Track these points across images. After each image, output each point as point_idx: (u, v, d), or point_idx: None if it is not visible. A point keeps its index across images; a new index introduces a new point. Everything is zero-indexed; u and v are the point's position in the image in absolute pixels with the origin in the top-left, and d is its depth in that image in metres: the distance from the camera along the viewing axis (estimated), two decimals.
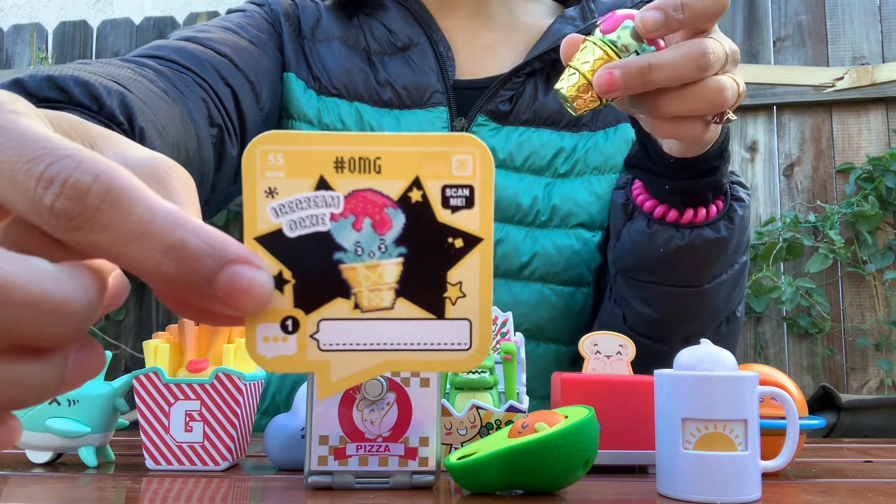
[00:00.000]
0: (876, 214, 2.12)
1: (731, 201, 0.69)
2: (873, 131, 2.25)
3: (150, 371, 0.59)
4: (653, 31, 0.51)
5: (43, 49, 2.71)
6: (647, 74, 0.50)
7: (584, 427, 0.49)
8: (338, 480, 0.51)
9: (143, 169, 0.26)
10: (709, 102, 0.53)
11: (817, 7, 2.31)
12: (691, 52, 0.51)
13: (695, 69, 0.51)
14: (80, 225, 0.22)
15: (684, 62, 0.50)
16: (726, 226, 0.68)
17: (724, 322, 0.75)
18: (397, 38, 0.90)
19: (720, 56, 0.52)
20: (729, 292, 0.74)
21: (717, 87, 0.53)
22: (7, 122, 0.22)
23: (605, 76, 0.50)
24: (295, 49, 0.90)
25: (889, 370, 2.14)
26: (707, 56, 0.51)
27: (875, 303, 2.19)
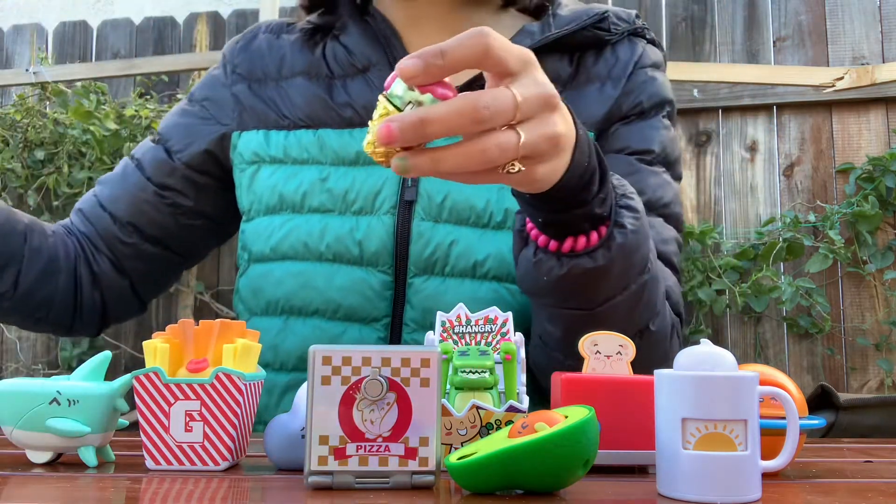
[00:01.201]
0: (876, 214, 2.12)
1: (612, 228, 0.68)
2: (873, 131, 2.25)
3: (150, 371, 0.59)
4: (414, 79, 0.51)
5: (43, 49, 2.71)
6: (420, 128, 0.50)
7: (584, 427, 0.49)
8: (338, 480, 0.51)
9: None
10: (477, 160, 0.52)
11: (817, 7, 2.32)
12: (463, 107, 0.50)
13: (469, 123, 0.51)
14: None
15: (456, 117, 0.50)
16: (604, 254, 0.67)
17: (638, 337, 0.74)
18: (357, 60, 0.92)
19: (501, 108, 0.52)
20: (628, 312, 0.74)
21: (484, 146, 0.52)
22: None
23: (383, 129, 0.50)
24: (261, 101, 0.95)
25: (889, 370, 2.14)
26: (479, 111, 0.50)
27: (875, 303, 2.19)
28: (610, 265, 0.68)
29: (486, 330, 0.64)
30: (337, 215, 0.86)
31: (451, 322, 0.65)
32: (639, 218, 0.70)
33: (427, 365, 0.52)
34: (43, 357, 2.59)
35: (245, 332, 0.63)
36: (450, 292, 0.83)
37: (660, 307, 0.78)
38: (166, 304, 2.53)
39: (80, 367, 0.64)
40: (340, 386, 0.52)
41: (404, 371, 0.52)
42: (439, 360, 0.53)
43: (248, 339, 0.62)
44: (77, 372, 0.63)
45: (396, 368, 0.52)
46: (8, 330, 2.60)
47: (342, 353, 0.52)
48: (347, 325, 0.85)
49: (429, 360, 0.52)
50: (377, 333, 0.85)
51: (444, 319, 0.65)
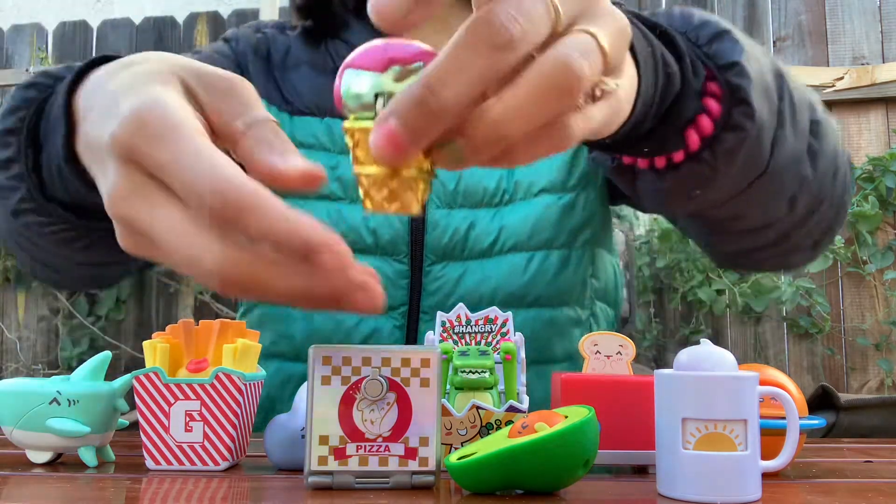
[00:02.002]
0: (876, 214, 2.12)
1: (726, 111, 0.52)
2: (873, 131, 2.25)
3: (150, 371, 0.59)
4: (389, 15, 0.33)
5: (43, 49, 2.71)
6: (431, 101, 0.31)
7: (584, 427, 0.49)
8: (338, 480, 0.51)
9: (224, 91, 0.39)
10: (556, 91, 0.32)
11: (817, 7, 2.32)
12: (474, 36, 0.31)
13: (494, 53, 0.31)
14: (232, 228, 0.33)
15: (472, 55, 0.31)
16: (711, 154, 0.53)
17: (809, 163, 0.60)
18: None
19: (534, 16, 0.32)
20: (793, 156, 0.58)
21: (551, 68, 0.32)
22: (176, 148, 0.34)
23: (382, 138, 0.31)
24: (265, 79, 0.94)
25: (889, 370, 2.14)
26: (500, 30, 0.31)
27: (875, 303, 2.19)
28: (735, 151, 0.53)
29: (486, 330, 0.64)
30: (348, 203, 0.86)
31: (451, 322, 0.65)
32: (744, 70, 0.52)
33: (427, 365, 0.52)
34: (43, 357, 2.59)
35: (245, 332, 0.63)
36: (470, 274, 0.84)
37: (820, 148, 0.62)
38: (166, 304, 2.53)
39: (80, 367, 0.64)
40: (340, 386, 0.52)
41: (404, 371, 0.52)
42: (439, 360, 0.53)
43: (247, 339, 0.62)
44: (77, 372, 0.63)
45: (396, 368, 0.52)
46: (8, 330, 2.60)
47: (342, 353, 0.52)
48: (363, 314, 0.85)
49: (429, 360, 0.52)
50: (394, 322, 0.84)
51: (444, 319, 0.65)
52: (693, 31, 0.54)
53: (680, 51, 0.51)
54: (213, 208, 0.32)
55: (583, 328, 0.90)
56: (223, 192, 0.32)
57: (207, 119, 0.38)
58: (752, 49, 0.54)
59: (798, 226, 0.66)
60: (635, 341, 0.75)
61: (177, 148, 0.34)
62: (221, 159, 0.33)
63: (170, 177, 0.34)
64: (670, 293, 2.28)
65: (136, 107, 0.35)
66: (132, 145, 0.35)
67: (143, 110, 0.35)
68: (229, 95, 0.39)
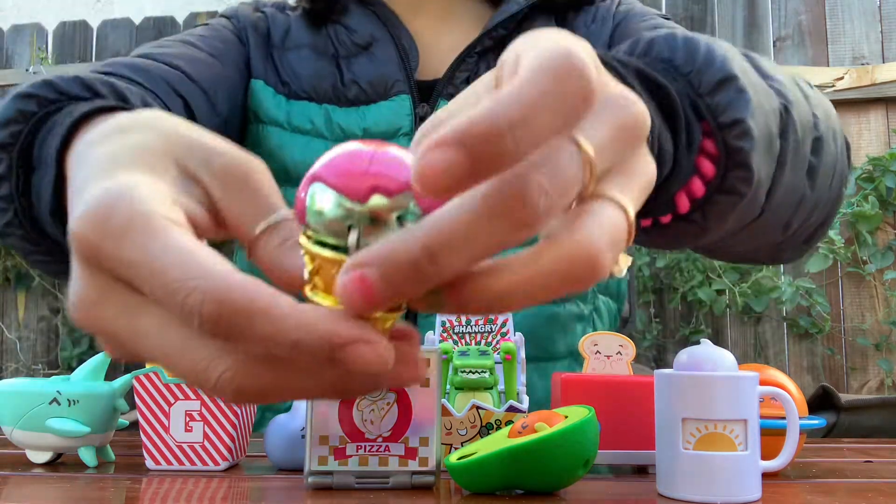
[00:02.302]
0: (876, 214, 2.12)
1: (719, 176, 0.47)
2: (873, 131, 2.25)
3: (150, 371, 0.59)
4: (440, 188, 0.24)
5: (43, 49, 2.71)
6: (428, 268, 0.25)
7: (584, 427, 0.49)
8: (338, 480, 0.51)
9: (233, 177, 0.32)
10: (559, 282, 0.26)
11: (817, 7, 2.32)
12: (501, 205, 0.25)
13: (513, 230, 0.25)
14: (227, 338, 0.26)
15: (489, 226, 0.25)
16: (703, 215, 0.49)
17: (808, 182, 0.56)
18: (359, 37, 0.92)
19: (568, 185, 0.26)
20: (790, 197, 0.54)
21: (573, 256, 0.26)
22: (146, 249, 0.27)
23: (350, 291, 0.25)
24: (263, 58, 0.93)
25: (889, 370, 2.14)
26: (531, 207, 0.25)
27: (875, 303, 2.19)
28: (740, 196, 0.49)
29: (486, 330, 0.64)
30: None
31: (451, 322, 0.65)
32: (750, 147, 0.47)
33: (427, 365, 0.52)
34: (43, 357, 2.59)
35: None
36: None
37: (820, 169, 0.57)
38: None
39: (80, 367, 0.64)
40: None
41: None
42: (439, 360, 0.53)
43: None
44: (77, 372, 0.63)
45: None
46: (8, 330, 2.60)
47: None
48: None
49: (429, 360, 0.52)
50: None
51: (444, 319, 0.65)
52: (696, 72, 0.48)
53: (677, 124, 0.46)
54: (205, 316, 0.25)
55: (585, 323, 0.90)
56: (215, 292, 0.25)
57: (215, 209, 0.32)
58: (757, 93, 0.49)
59: (790, 237, 0.62)
60: (635, 341, 0.75)
61: (146, 243, 0.27)
62: (205, 255, 0.26)
63: (143, 282, 0.27)
64: (670, 293, 2.28)
65: (98, 197, 0.28)
66: (93, 244, 0.28)
67: (104, 201, 0.28)
68: (245, 186, 0.32)
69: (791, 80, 0.55)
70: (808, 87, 0.59)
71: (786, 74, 0.56)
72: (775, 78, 0.52)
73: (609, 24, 0.91)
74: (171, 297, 0.26)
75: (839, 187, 0.62)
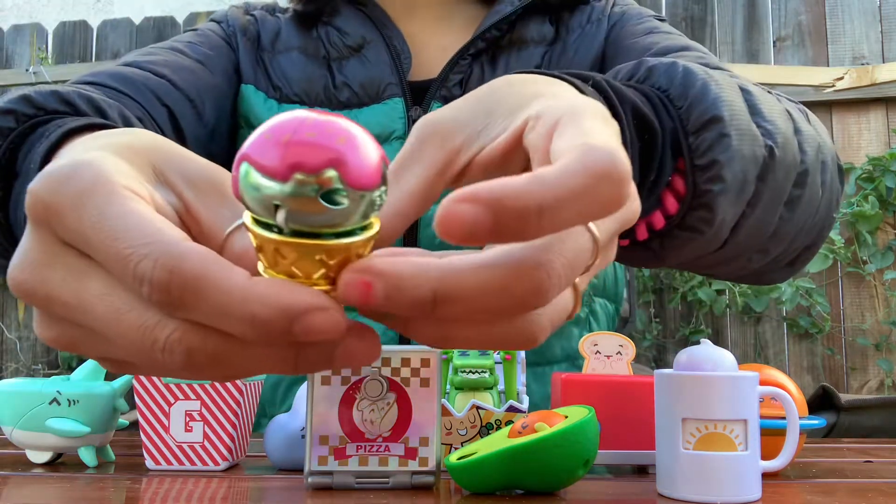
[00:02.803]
0: (876, 214, 2.12)
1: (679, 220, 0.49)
2: (873, 131, 2.25)
3: None
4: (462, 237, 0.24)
5: (43, 49, 2.72)
6: (429, 309, 0.25)
7: (584, 427, 0.49)
8: (338, 480, 0.51)
9: (206, 184, 0.31)
10: (505, 345, 0.28)
11: (817, 7, 2.32)
12: (520, 280, 0.25)
13: (513, 304, 0.26)
14: (175, 308, 0.25)
15: (500, 296, 0.25)
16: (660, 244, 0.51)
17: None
18: (350, 39, 0.91)
19: (576, 266, 0.27)
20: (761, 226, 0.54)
21: (524, 333, 0.27)
22: (102, 213, 0.26)
23: (357, 287, 0.25)
24: (253, 62, 0.93)
25: (889, 370, 2.14)
26: (540, 293, 0.26)
27: (875, 303, 2.19)
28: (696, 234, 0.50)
29: None
30: None
31: None
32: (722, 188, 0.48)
33: (427, 365, 0.52)
34: (43, 357, 2.59)
35: None
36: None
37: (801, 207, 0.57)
38: None
39: (80, 367, 0.64)
40: (340, 386, 0.52)
41: (404, 371, 0.52)
42: (439, 360, 0.53)
43: None
44: (77, 372, 0.63)
45: (396, 368, 0.52)
46: (8, 330, 2.61)
47: None
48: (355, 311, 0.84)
49: (429, 360, 0.52)
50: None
51: None
52: (686, 108, 0.49)
53: (651, 164, 0.47)
54: (155, 283, 0.24)
55: (581, 326, 0.89)
56: (167, 259, 0.24)
57: (188, 214, 0.31)
58: (742, 137, 0.49)
59: (771, 262, 0.61)
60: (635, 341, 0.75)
61: (103, 208, 0.26)
62: (161, 224, 0.26)
63: (96, 247, 0.26)
64: (670, 293, 2.28)
65: (63, 163, 0.28)
66: (49, 205, 0.27)
67: (68, 166, 0.28)
68: (218, 193, 0.31)
69: (785, 117, 0.55)
70: (804, 119, 0.58)
71: (783, 108, 0.56)
72: (768, 118, 0.52)
73: (604, 24, 0.90)
74: (123, 263, 0.25)
75: (827, 213, 0.62)
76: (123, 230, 0.26)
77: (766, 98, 0.54)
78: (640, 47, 0.83)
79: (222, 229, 0.31)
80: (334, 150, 0.25)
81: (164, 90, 0.82)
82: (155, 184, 0.31)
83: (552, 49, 0.89)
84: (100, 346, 0.28)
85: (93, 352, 0.29)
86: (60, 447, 0.62)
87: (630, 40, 0.85)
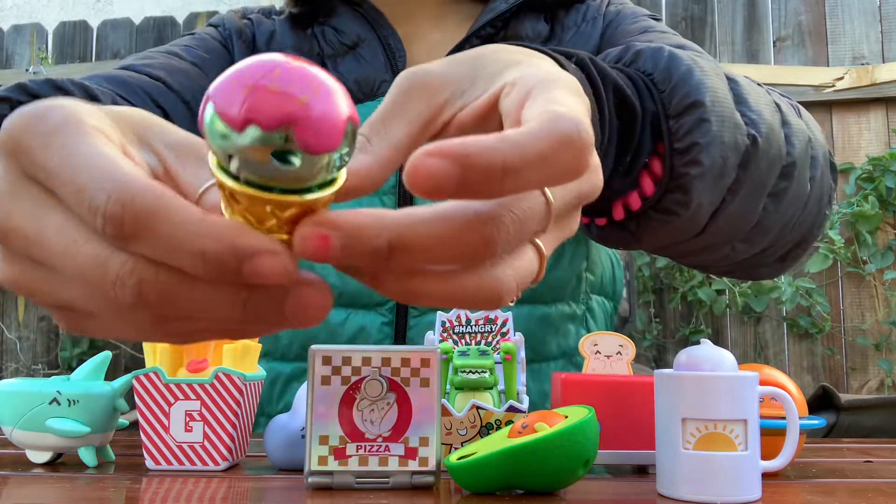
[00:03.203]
0: (876, 214, 2.12)
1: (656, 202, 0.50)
2: (873, 131, 2.25)
3: (150, 371, 0.59)
4: (429, 190, 0.25)
5: (43, 49, 2.71)
6: (383, 259, 0.26)
7: (584, 427, 0.49)
8: (338, 480, 0.51)
9: (186, 148, 0.31)
10: (472, 302, 0.29)
11: (817, 7, 2.32)
12: (472, 232, 0.26)
13: (463, 256, 0.27)
14: (129, 242, 0.25)
15: (452, 243, 0.26)
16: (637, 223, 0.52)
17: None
18: (346, 37, 0.92)
19: (527, 226, 0.28)
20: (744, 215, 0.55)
21: (491, 283, 0.28)
22: (69, 148, 0.27)
23: (314, 240, 0.26)
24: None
25: (889, 370, 2.14)
26: (490, 246, 0.27)
27: (875, 303, 2.19)
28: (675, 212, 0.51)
29: (486, 330, 0.64)
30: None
31: (451, 322, 0.65)
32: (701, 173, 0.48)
33: (427, 365, 0.52)
34: (43, 357, 2.59)
35: None
36: None
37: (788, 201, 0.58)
38: None
39: (80, 367, 0.64)
40: (340, 386, 0.52)
41: (404, 371, 0.52)
42: (439, 360, 0.53)
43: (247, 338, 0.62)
44: (77, 372, 0.63)
45: (396, 368, 0.52)
46: (8, 330, 2.61)
47: (342, 353, 0.52)
48: (350, 311, 0.84)
49: (429, 360, 0.52)
50: (382, 318, 0.84)
51: (444, 319, 0.65)
52: (669, 92, 0.49)
53: (628, 145, 0.48)
54: (108, 215, 0.25)
55: (578, 324, 0.89)
56: (121, 193, 0.25)
57: (167, 175, 0.32)
58: (723, 123, 0.49)
59: (760, 255, 0.62)
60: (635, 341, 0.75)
61: (69, 144, 0.27)
62: (123, 161, 0.27)
63: (58, 181, 0.27)
64: (670, 293, 2.28)
65: (38, 104, 0.29)
66: (19, 140, 0.28)
67: (41, 106, 0.29)
68: (196, 156, 0.32)
69: (772, 109, 0.55)
70: (793, 113, 0.59)
71: (771, 99, 0.56)
72: (753, 108, 0.52)
73: (599, 23, 0.90)
74: (79, 196, 0.26)
75: (817, 209, 0.62)
76: (84, 166, 0.26)
77: (753, 89, 0.55)
78: None
79: (198, 189, 0.31)
80: (294, 107, 0.24)
81: (159, 91, 0.83)
82: (137, 146, 0.31)
83: (547, 47, 0.90)
84: (57, 288, 0.29)
85: (49, 297, 0.29)
86: (60, 447, 0.62)
87: (625, 39, 0.86)
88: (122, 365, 2.45)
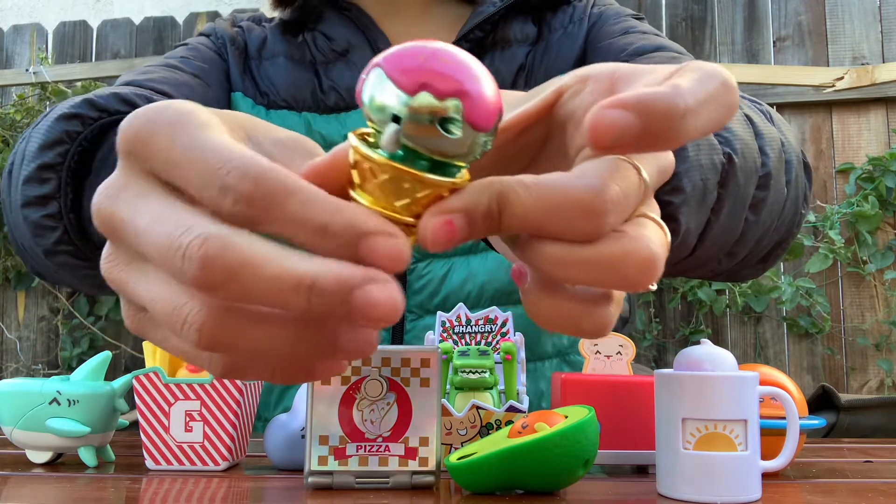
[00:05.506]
0: (876, 214, 2.12)
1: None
2: (873, 131, 2.25)
3: (150, 371, 0.59)
4: (616, 145, 0.26)
5: (43, 49, 2.71)
6: (496, 220, 0.28)
7: (584, 427, 0.49)
8: (338, 480, 0.51)
9: (292, 144, 0.33)
10: (600, 276, 0.28)
11: (817, 7, 2.32)
12: (581, 194, 0.27)
13: (581, 219, 0.27)
14: (257, 221, 0.26)
15: (566, 210, 0.27)
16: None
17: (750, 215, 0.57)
18: (337, 44, 0.92)
19: (630, 201, 0.28)
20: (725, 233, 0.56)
21: (625, 259, 0.28)
22: (194, 137, 0.28)
23: (439, 227, 0.27)
24: (241, 70, 0.93)
25: (889, 370, 2.14)
26: (603, 205, 0.27)
27: (875, 303, 2.19)
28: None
29: (486, 330, 0.64)
30: None
31: (451, 322, 0.65)
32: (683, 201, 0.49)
33: (427, 365, 0.52)
34: (43, 357, 2.59)
35: None
36: (456, 271, 0.84)
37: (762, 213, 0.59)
38: None
39: (80, 367, 0.64)
40: (340, 386, 0.52)
41: (404, 371, 0.52)
42: (439, 360, 0.53)
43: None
44: (77, 372, 0.63)
45: (396, 368, 0.52)
46: (8, 330, 2.60)
47: None
48: None
49: (429, 360, 0.52)
50: None
51: (444, 319, 0.65)
52: None
53: None
54: (240, 194, 0.26)
55: None
56: (253, 171, 0.26)
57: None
58: (699, 147, 0.50)
59: (741, 262, 0.63)
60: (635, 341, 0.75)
61: (193, 134, 0.28)
62: (245, 148, 0.28)
63: (182, 168, 0.28)
64: (670, 293, 2.28)
65: (153, 105, 0.30)
66: (140, 130, 0.29)
67: (156, 105, 0.30)
68: (303, 150, 0.33)
69: (743, 123, 0.56)
70: (764, 121, 0.60)
71: (742, 113, 0.57)
72: (727, 126, 0.53)
73: (585, 24, 0.91)
74: (209, 178, 0.27)
75: (794, 210, 0.63)
76: (213, 150, 0.27)
77: None
78: (615, 48, 0.84)
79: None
80: (463, 84, 0.26)
81: None
82: (246, 142, 0.33)
83: (535, 49, 0.90)
84: (140, 278, 0.29)
85: (132, 286, 0.29)
86: (60, 447, 0.62)
87: (606, 41, 0.86)
88: (122, 365, 2.45)
